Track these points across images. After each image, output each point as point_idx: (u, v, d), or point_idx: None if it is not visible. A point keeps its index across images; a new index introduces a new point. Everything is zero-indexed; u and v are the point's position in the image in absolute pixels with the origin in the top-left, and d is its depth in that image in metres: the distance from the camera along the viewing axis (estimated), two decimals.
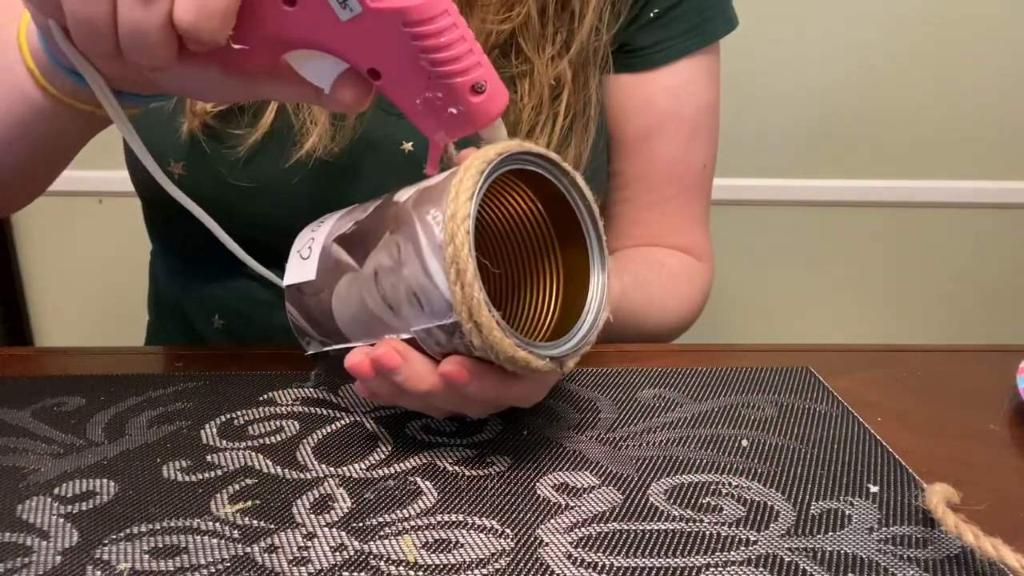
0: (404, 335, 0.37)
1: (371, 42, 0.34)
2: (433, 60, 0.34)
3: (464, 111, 0.35)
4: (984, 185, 1.31)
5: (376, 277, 0.37)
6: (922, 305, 1.39)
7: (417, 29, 0.33)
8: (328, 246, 0.39)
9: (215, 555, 0.32)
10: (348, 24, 0.33)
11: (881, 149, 1.29)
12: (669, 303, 0.63)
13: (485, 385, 0.36)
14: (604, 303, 0.39)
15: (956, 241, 1.35)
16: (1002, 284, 1.37)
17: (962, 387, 0.48)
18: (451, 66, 0.34)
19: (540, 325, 0.42)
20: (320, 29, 0.34)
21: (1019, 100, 1.27)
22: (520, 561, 0.32)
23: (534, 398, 0.40)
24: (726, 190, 1.29)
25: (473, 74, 0.35)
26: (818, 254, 1.36)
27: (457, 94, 0.35)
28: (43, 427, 0.42)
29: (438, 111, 0.36)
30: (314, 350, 0.42)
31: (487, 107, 0.36)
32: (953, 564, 0.32)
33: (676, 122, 0.64)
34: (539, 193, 0.41)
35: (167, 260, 0.68)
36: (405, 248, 0.35)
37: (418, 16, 0.32)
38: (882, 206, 1.32)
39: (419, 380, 0.37)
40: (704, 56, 0.64)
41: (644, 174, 0.65)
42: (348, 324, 0.39)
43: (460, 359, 0.36)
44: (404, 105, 0.36)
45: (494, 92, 0.36)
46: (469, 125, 0.36)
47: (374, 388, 0.39)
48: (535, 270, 0.42)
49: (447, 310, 0.34)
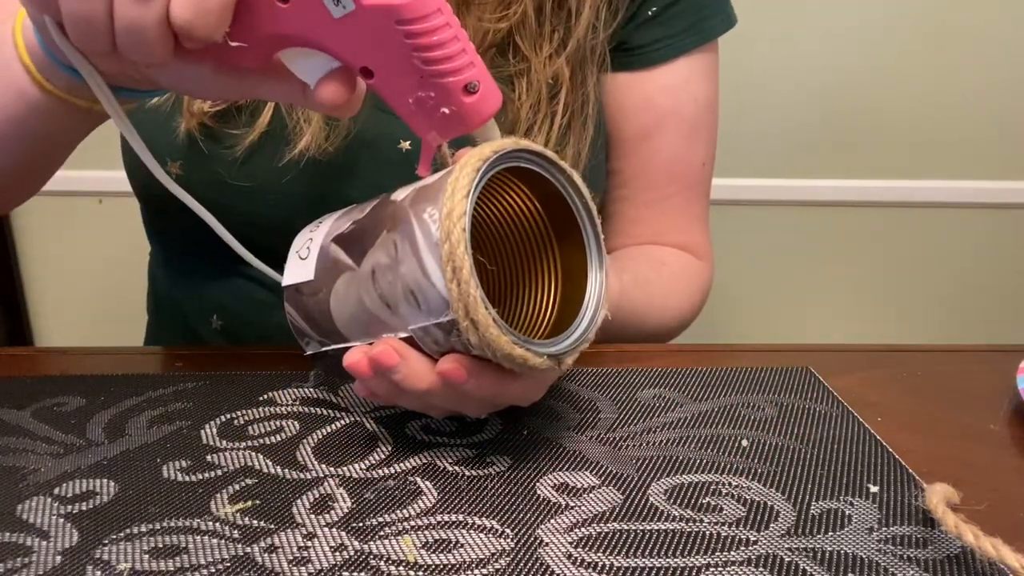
0: (402, 334, 0.37)
1: (364, 40, 0.34)
2: (425, 59, 0.33)
3: (456, 111, 0.35)
4: (984, 185, 1.31)
5: (374, 276, 0.37)
6: (922, 305, 1.39)
7: (409, 27, 0.33)
8: (326, 246, 0.40)
9: (215, 555, 0.32)
10: (341, 21, 0.33)
11: (881, 149, 1.29)
12: (669, 302, 0.63)
13: (483, 383, 0.36)
14: (602, 301, 0.39)
15: (956, 241, 1.35)
16: (1002, 284, 1.37)
17: (962, 387, 0.48)
18: (443, 65, 0.34)
19: (538, 323, 0.42)
20: (313, 26, 0.34)
21: (1019, 100, 1.27)
22: (520, 561, 0.32)
23: (533, 396, 0.40)
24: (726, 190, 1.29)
25: (466, 74, 0.34)
26: (818, 254, 1.36)
27: (449, 94, 0.35)
28: (43, 427, 0.42)
29: (430, 111, 0.35)
30: (313, 350, 0.42)
31: (480, 107, 0.35)
32: (953, 564, 0.32)
33: (675, 120, 0.64)
34: (536, 191, 0.41)
35: (166, 261, 0.68)
36: (402, 246, 0.35)
37: (411, 14, 0.32)
38: (882, 206, 1.32)
39: (417, 379, 0.37)
40: (703, 54, 0.64)
41: (643, 172, 0.65)
42: (346, 324, 0.39)
43: (458, 357, 0.36)
44: (397, 104, 0.36)
45: (487, 92, 0.36)
46: (462, 125, 0.36)
47: (373, 387, 0.39)
48: (533, 268, 0.42)
49: (444, 308, 0.34)
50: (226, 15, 0.33)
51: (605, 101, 0.64)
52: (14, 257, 1.34)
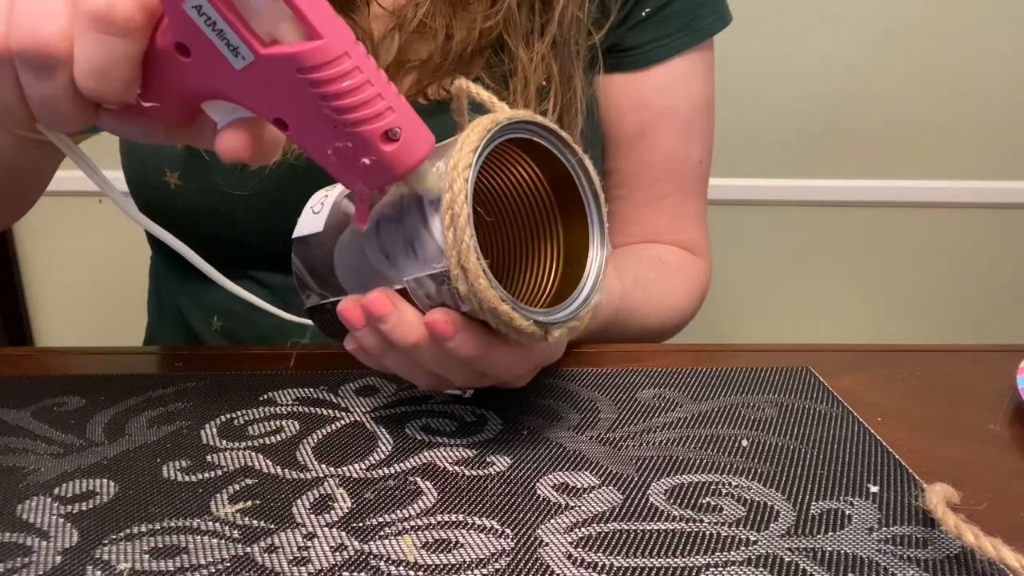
0: (397, 286, 0.37)
1: (269, 91, 0.32)
2: (336, 108, 0.31)
3: (378, 161, 0.33)
4: (984, 185, 1.31)
5: (378, 227, 0.37)
6: (922, 305, 1.39)
7: (313, 76, 0.30)
8: (339, 201, 0.41)
9: (215, 555, 0.32)
10: (244, 72, 0.31)
11: (881, 149, 1.29)
12: (669, 301, 0.63)
13: (468, 341, 0.36)
14: (599, 283, 0.39)
15: (956, 241, 1.35)
16: (1002, 284, 1.37)
17: (962, 387, 0.49)
18: (356, 113, 0.31)
19: (537, 300, 0.42)
20: (218, 79, 0.32)
21: (1019, 100, 1.27)
22: (520, 561, 0.32)
23: (517, 369, 0.40)
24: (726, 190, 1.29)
25: (383, 120, 0.32)
26: (818, 254, 1.36)
27: (367, 143, 0.32)
28: (43, 427, 0.42)
29: (351, 162, 0.33)
30: (312, 303, 0.43)
31: (402, 156, 0.33)
32: (953, 564, 0.32)
33: (671, 120, 0.64)
34: (545, 170, 0.41)
35: (166, 265, 0.68)
36: (408, 199, 0.36)
37: (312, 61, 0.30)
38: (882, 206, 1.33)
39: (406, 329, 0.37)
40: (697, 53, 0.64)
41: (639, 172, 0.65)
42: (346, 276, 0.40)
43: (446, 311, 0.36)
44: (317, 156, 0.34)
45: (411, 138, 0.33)
46: (387, 175, 0.33)
47: (362, 340, 0.39)
48: (536, 246, 0.43)
49: (438, 256, 0.35)
50: (132, 76, 0.32)
51: (600, 102, 0.64)
52: (14, 257, 1.34)
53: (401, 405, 0.45)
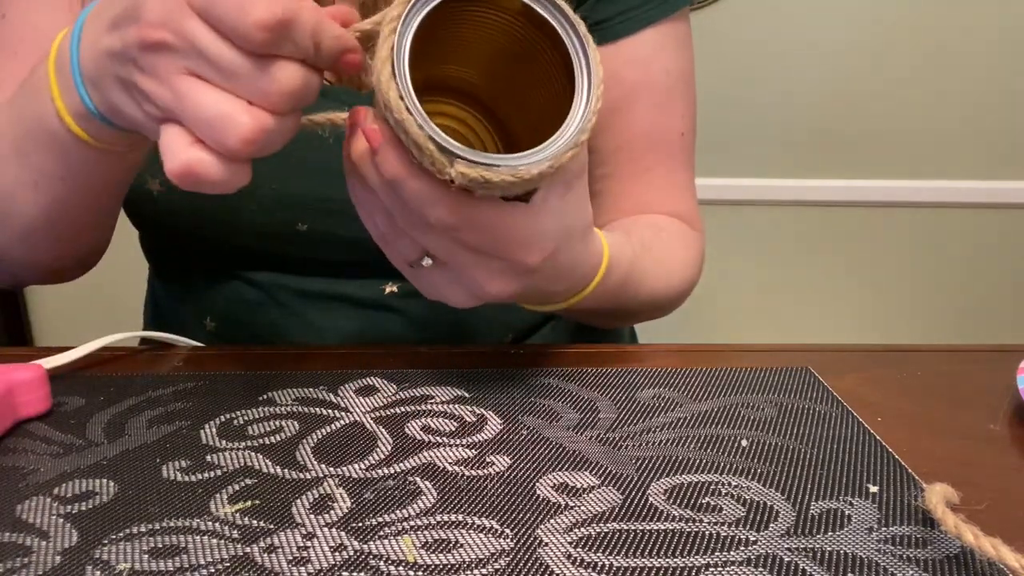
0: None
1: None
2: None
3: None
4: (984, 185, 1.31)
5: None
6: (922, 305, 1.39)
7: None
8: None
9: (215, 555, 0.32)
10: None
11: (881, 149, 1.29)
12: (673, 266, 0.62)
13: (392, 156, 0.36)
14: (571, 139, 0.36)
15: (956, 241, 1.35)
16: (1002, 284, 1.37)
17: (962, 387, 0.49)
18: None
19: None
20: None
21: (1019, 100, 1.27)
22: (520, 561, 0.32)
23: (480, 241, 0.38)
24: (726, 190, 1.29)
25: None
26: (818, 254, 1.36)
27: None
28: (43, 427, 0.42)
29: None
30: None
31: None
32: (953, 564, 0.32)
33: (647, 92, 0.63)
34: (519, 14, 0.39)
35: (158, 272, 0.69)
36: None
37: None
38: (882, 206, 1.33)
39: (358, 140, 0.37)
40: (671, 24, 0.63)
41: (621, 147, 0.64)
42: None
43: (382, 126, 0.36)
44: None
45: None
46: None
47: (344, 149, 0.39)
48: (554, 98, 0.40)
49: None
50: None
51: None
52: None
53: (401, 405, 0.45)
